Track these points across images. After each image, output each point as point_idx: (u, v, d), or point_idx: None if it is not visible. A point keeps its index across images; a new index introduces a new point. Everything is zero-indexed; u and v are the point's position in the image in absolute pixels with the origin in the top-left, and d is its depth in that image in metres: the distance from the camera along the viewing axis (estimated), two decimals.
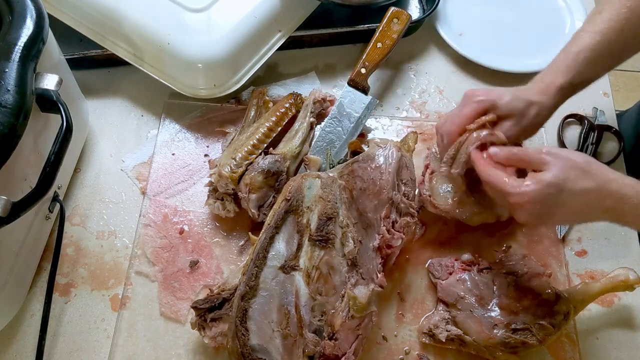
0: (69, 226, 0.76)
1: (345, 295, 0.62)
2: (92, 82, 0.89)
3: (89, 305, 0.71)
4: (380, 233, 0.67)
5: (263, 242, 0.62)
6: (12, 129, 0.52)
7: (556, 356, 0.69)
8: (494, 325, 0.64)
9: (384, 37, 0.84)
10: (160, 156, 0.82)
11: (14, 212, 0.53)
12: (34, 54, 0.58)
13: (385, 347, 0.69)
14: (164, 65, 0.82)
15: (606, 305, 0.73)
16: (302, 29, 0.89)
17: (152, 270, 0.73)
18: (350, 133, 0.82)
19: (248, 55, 0.83)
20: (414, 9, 0.99)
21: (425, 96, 0.90)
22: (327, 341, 0.60)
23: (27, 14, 0.60)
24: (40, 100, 0.59)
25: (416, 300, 0.72)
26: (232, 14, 0.82)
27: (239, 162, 0.73)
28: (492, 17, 0.98)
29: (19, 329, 0.69)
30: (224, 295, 0.62)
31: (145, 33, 0.81)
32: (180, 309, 0.70)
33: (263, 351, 0.58)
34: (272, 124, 0.78)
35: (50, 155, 0.57)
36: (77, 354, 0.68)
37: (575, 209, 0.59)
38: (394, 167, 0.70)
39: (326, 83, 0.91)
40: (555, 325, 0.64)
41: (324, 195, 0.66)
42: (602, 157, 0.84)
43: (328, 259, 0.63)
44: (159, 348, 0.68)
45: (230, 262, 0.73)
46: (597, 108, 0.89)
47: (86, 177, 0.80)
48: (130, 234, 0.76)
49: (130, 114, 0.87)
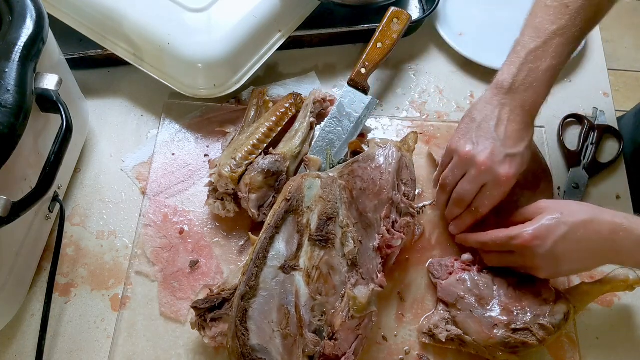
0: (69, 226, 0.76)
1: (345, 295, 0.62)
2: (92, 82, 0.89)
3: (89, 305, 0.71)
4: (380, 233, 0.67)
5: (263, 242, 0.62)
6: (12, 129, 0.52)
7: (556, 356, 0.69)
8: (494, 325, 0.64)
9: (384, 37, 0.84)
10: (160, 156, 0.82)
11: (14, 212, 0.53)
12: (34, 54, 0.58)
13: (385, 347, 0.69)
14: (164, 65, 0.82)
15: (606, 305, 0.73)
16: (302, 29, 0.89)
17: (152, 270, 0.73)
18: (350, 133, 0.82)
19: (248, 55, 0.83)
20: (414, 9, 0.99)
21: (425, 96, 0.90)
22: (327, 341, 0.60)
23: (27, 14, 0.60)
24: (40, 100, 0.59)
25: (416, 300, 0.72)
26: (232, 14, 0.82)
27: (239, 162, 0.73)
28: (492, 17, 0.98)
29: (19, 329, 0.69)
30: (224, 295, 0.62)
31: (145, 33, 0.81)
32: (180, 309, 0.70)
33: (263, 351, 0.58)
34: (272, 124, 0.78)
35: (50, 155, 0.57)
36: (77, 354, 0.68)
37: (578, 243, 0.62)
38: (394, 167, 0.70)
39: (326, 83, 0.91)
40: (555, 325, 0.64)
41: (324, 195, 0.65)
42: (602, 157, 0.84)
43: (328, 259, 0.63)
44: (159, 348, 0.68)
45: (230, 262, 0.73)
46: (597, 108, 0.89)
47: (86, 177, 0.80)
48: (130, 234, 0.76)
49: (130, 114, 0.87)
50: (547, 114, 0.88)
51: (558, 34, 0.65)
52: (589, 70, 0.94)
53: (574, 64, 0.94)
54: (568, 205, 0.66)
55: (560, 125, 0.86)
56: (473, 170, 0.66)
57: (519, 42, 0.67)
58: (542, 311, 0.65)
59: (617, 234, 0.62)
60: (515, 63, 0.66)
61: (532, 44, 0.66)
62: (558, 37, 0.65)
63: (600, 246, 0.63)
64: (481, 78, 0.92)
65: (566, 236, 0.62)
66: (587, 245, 0.63)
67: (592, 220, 0.62)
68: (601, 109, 0.88)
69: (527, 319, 0.64)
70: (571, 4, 0.65)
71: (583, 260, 0.64)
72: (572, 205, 0.66)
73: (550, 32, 0.65)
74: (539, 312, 0.65)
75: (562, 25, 0.65)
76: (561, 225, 0.62)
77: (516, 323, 0.64)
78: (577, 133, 0.87)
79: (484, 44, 0.94)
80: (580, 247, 0.63)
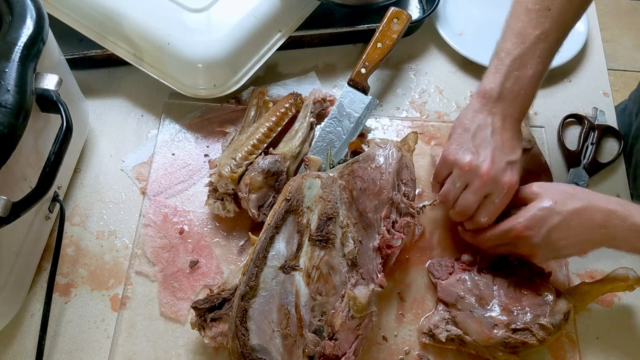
0: (69, 226, 0.76)
1: (345, 296, 0.62)
2: (92, 82, 0.89)
3: (89, 305, 0.71)
4: (380, 233, 0.67)
5: (263, 242, 0.62)
6: (12, 129, 0.52)
7: (556, 356, 0.69)
8: (494, 325, 0.64)
9: (384, 37, 0.84)
10: (160, 156, 0.82)
11: (14, 212, 0.53)
12: (34, 54, 0.58)
13: (385, 347, 0.69)
14: (164, 65, 0.82)
15: (606, 305, 0.73)
16: (302, 29, 0.89)
17: (152, 270, 0.73)
18: (350, 133, 0.82)
19: (248, 55, 0.83)
20: (414, 9, 0.99)
21: (425, 96, 0.90)
22: (327, 341, 0.60)
23: (27, 14, 0.60)
24: (40, 100, 0.59)
25: (416, 300, 0.72)
26: (232, 14, 0.82)
27: (239, 162, 0.73)
28: (492, 17, 0.98)
29: (19, 329, 0.69)
30: (224, 295, 0.62)
31: (145, 33, 0.81)
32: (180, 309, 0.70)
33: (263, 351, 0.58)
34: (272, 124, 0.78)
35: (50, 155, 0.57)
36: (77, 354, 0.68)
37: (571, 230, 0.62)
38: (394, 167, 0.70)
39: (326, 83, 0.91)
40: (555, 325, 0.64)
41: (324, 195, 0.65)
42: (602, 157, 0.84)
43: (328, 259, 0.63)
44: (159, 348, 0.68)
45: (230, 262, 0.73)
46: (597, 108, 0.89)
47: (86, 177, 0.80)
48: (130, 234, 0.76)
49: (130, 114, 0.86)
50: (547, 114, 0.88)
51: (541, 39, 0.65)
52: (589, 70, 0.94)
53: (574, 64, 0.93)
54: (562, 191, 0.65)
55: (560, 125, 0.86)
56: (477, 181, 0.65)
57: (502, 48, 0.66)
58: (542, 311, 0.65)
59: (612, 221, 0.62)
60: (501, 70, 0.66)
61: (516, 50, 0.65)
62: (542, 42, 0.65)
63: (594, 232, 0.63)
64: (481, 78, 0.92)
65: (560, 225, 0.62)
66: (581, 231, 0.63)
67: (586, 208, 0.62)
68: (601, 109, 0.88)
69: (527, 319, 0.64)
70: (553, 6, 0.64)
71: (578, 245, 0.64)
72: (566, 192, 0.65)
73: (534, 37, 0.65)
74: (539, 312, 0.65)
75: (545, 30, 0.65)
76: (554, 215, 0.62)
77: (516, 323, 0.64)
78: (577, 133, 0.87)
79: (483, 44, 0.93)
80: (575, 233, 0.63)
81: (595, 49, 0.96)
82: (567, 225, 0.62)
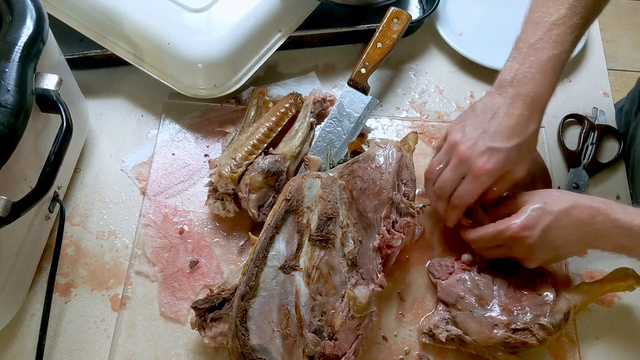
0: (69, 226, 0.76)
1: (345, 296, 0.62)
2: (92, 82, 0.89)
3: (89, 305, 0.71)
4: (380, 233, 0.67)
5: (263, 242, 0.62)
6: (12, 129, 0.52)
7: (556, 356, 0.69)
8: (494, 325, 0.64)
9: (384, 37, 0.84)
10: (160, 156, 0.82)
11: (14, 212, 0.53)
12: (34, 54, 0.58)
13: (385, 347, 0.69)
14: (164, 65, 0.82)
15: (606, 305, 0.73)
16: (302, 29, 0.89)
17: (152, 270, 0.73)
18: (350, 133, 0.82)
19: (248, 55, 0.83)
20: (414, 9, 0.99)
21: (425, 96, 0.90)
22: (327, 341, 0.60)
23: (27, 14, 0.60)
24: (40, 100, 0.59)
25: (416, 300, 0.72)
26: (232, 14, 0.82)
27: (239, 162, 0.73)
28: (492, 17, 0.98)
29: (19, 329, 0.69)
30: (224, 295, 0.62)
31: (145, 33, 0.81)
32: (180, 309, 0.70)
33: (263, 351, 0.58)
34: (272, 124, 0.78)
35: (50, 155, 0.57)
36: (77, 354, 0.68)
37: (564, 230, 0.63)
38: (394, 167, 0.70)
39: (326, 83, 0.91)
40: (555, 325, 0.64)
41: (324, 195, 0.65)
42: (602, 157, 0.84)
43: (328, 259, 0.63)
44: (159, 348, 0.68)
45: (230, 262, 0.73)
46: (597, 108, 0.89)
47: (86, 177, 0.80)
48: (130, 234, 0.76)
49: (130, 114, 0.86)
50: (547, 114, 0.87)
51: (558, 24, 0.64)
52: (589, 70, 0.94)
53: (574, 64, 0.94)
54: (548, 194, 0.67)
55: (560, 125, 0.86)
56: (454, 159, 0.65)
57: (520, 39, 0.67)
58: (542, 311, 0.65)
59: (596, 218, 0.63)
60: (517, 58, 0.65)
61: (532, 38, 0.65)
62: (558, 26, 0.64)
63: (582, 231, 0.64)
64: (481, 78, 0.92)
65: (552, 225, 0.63)
66: (571, 231, 0.64)
67: (574, 206, 0.63)
68: (601, 109, 0.88)
69: (527, 319, 0.64)
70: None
71: (568, 246, 0.65)
72: (552, 194, 0.67)
73: (549, 23, 0.64)
74: (539, 312, 0.65)
75: (561, 15, 0.64)
76: (547, 215, 0.63)
77: (516, 323, 0.64)
78: (577, 133, 0.87)
79: (483, 43, 0.94)
80: (566, 233, 0.63)
81: (595, 49, 0.96)
82: (559, 225, 0.63)
